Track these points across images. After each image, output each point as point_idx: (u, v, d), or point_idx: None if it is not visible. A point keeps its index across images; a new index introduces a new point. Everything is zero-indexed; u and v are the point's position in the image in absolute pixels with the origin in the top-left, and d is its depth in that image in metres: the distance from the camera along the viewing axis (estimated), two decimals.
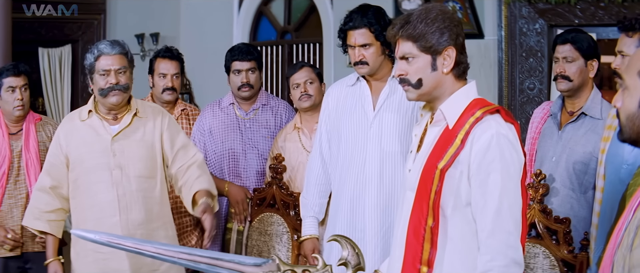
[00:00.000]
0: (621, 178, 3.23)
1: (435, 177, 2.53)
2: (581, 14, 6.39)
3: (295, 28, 8.91)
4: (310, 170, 4.04)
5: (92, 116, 3.86)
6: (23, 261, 4.48)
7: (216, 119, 4.79)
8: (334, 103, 3.92)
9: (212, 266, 2.81)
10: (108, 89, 3.77)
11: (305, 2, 8.75)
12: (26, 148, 4.44)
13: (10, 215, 4.41)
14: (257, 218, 4.51)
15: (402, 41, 2.63)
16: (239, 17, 9.06)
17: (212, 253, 2.99)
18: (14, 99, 4.39)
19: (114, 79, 3.76)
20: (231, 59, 4.79)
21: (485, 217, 2.50)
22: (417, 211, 2.59)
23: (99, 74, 3.77)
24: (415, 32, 2.59)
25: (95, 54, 3.79)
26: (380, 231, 3.68)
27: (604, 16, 6.32)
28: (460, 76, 2.65)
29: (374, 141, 3.72)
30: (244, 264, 2.81)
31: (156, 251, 2.89)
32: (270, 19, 9.05)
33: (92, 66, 3.80)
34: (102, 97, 3.80)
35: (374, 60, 3.72)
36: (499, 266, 2.48)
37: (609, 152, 3.38)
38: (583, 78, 3.79)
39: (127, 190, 3.80)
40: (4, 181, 4.40)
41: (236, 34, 9.07)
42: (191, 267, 3.06)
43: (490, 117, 2.55)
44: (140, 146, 3.86)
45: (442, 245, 2.55)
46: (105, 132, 3.84)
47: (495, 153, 2.49)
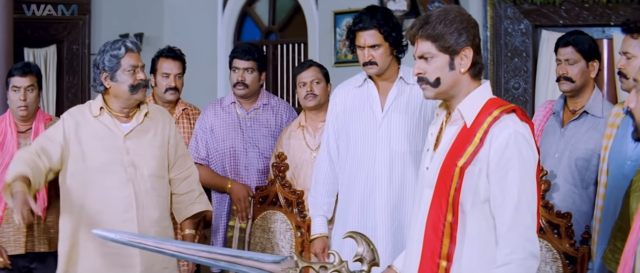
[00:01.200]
0: (625, 173, 3.36)
1: (455, 175, 2.63)
2: (566, 14, 6.50)
3: (279, 28, 8.96)
4: (319, 170, 4.13)
5: (104, 113, 3.84)
6: (28, 260, 4.49)
7: (217, 118, 4.86)
8: (342, 104, 4.01)
9: (233, 264, 2.91)
10: (138, 85, 3.77)
11: (290, 2, 8.80)
12: None
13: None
14: (259, 215, 4.59)
15: (421, 41, 2.72)
16: (223, 17, 9.09)
17: (232, 251, 3.10)
18: (17, 99, 4.40)
19: (141, 75, 3.79)
20: (232, 56, 4.88)
21: (505, 212, 2.60)
22: (435, 207, 2.69)
23: (126, 71, 3.75)
24: (435, 33, 2.68)
25: (123, 51, 3.76)
26: (390, 228, 3.79)
27: (588, 17, 6.44)
28: (475, 76, 2.75)
29: (383, 141, 3.83)
30: (263, 261, 2.92)
31: (177, 250, 2.98)
32: (254, 19, 9.09)
33: (117, 63, 3.76)
34: (131, 94, 3.78)
35: (382, 61, 3.82)
36: (518, 259, 2.58)
37: (612, 148, 3.50)
38: (584, 79, 3.91)
39: (142, 188, 3.81)
40: None
41: (220, 34, 9.09)
42: (212, 265, 3.16)
43: (507, 117, 2.65)
44: (152, 145, 3.89)
45: (461, 239, 2.65)
46: (117, 130, 3.83)
47: (513, 151, 2.59)
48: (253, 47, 4.91)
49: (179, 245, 3.06)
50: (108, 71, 3.77)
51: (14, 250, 4.43)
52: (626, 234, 2.88)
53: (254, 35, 9.15)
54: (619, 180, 3.39)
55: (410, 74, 3.90)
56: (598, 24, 6.38)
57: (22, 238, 4.43)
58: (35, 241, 4.47)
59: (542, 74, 6.59)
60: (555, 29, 6.61)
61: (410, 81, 3.88)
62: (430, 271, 2.68)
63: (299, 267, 2.93)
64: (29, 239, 4.45)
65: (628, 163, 3.37)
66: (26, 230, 4.42)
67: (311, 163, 4.45)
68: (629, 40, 3.38)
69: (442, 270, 2.66)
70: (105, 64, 3.77)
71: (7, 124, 4.48)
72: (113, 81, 3.78)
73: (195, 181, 4.05)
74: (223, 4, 9.08)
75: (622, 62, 3.41)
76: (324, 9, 8.28)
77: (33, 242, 4.47)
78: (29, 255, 4.48)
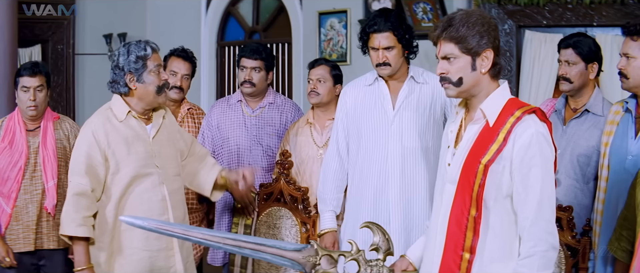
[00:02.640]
0: (626, 168, 3.55)
1: (479, 171, 2.78)
2: (549, 15, 6.65)
3: (263, 28, 9.04)
4: (328, 166, 4.25)
5: (130, 117, 3.82)
6: (37, 257, 4.53)
7: (224, 115, 4.96)
8: (352, 102, 4.14)
9: (257, 251, 3.06)
10: (164, 85, 3.82)
11: (274, 2, 8.90)
12: (44, 145, 4.48)
13: (25, 210, 4.46)
14: (265, 212, 4.70)
15: (445, 42, 2.86)
16: (207, 17, 9.16)
17: (256, 239, 3.24)
18: (27, 99, 4.44)
19: (165, 75, 3.83)
20: (240, 55, 4.97)
21: (528, 207, 2.75)
22: (459, 202, 2.84)
23: (152, 72, 3.76)
24: (458, 35, 2.82)
25: (149, 52, 3.77)
26: (403, 222, 3.94)
27: (571, 17, 6.60)
28: (495, 76, 2.89)
29: (395, 138, 3.97)
30: (286, 249, 3.08)
31: (203, 237, 3.13)
32: (238, 19, 9.17)
33: (143, 65, 3.75)
34: (157, 94, 3.80)
35: (395, 62, 3.95)
36: (541, 251, 2.74)
37: (613, 144, 3.68)
38: (583, 80, 4.07)
39: (171, 189, 3.85)
40: (20, 177, 4.44)
41: (204, 34, 9.17)
42: (237, 252, 3.28)
43: (528, 117, 2.80)
44: (170, 146, 3.94)
45: (484, 233, 2.81)
46: (144, 134, 3.83)
47: (536, 150, 2.75)
48: (261, 47, 5.01)
49: (204, 233, 3.18)
50: (134, 73, 3.76)
51: (23, 247, 4.47)
52: (632, 223, 3.07)
53: (238, 35, 9.22)
54: (621, 174, 3.57)
55: (420, 73, 4.05)
56: (581, 24, 6.54)
57: (32, 235, 4.47)
58: (44, 238, 4.51)
59: (526, 73, 6.77)
60: (538, 29, 6.79)
61: (420, 80, 4.03)
62: (453, 263, 2.83)
63: (319, 254, 3.08)
64: (38, 236, 4.49)
65: (629, 158, 3.54)
66: (36, 228, 4.46)
67: (317, 159, 4.57)
68: (629, 42, 3.55)
69: (465, 262, 2.81)
70: (131, 65, 3.75)
71: (16, 123, 4.52)
72: (139, 83, 3.78)
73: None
74: (206, 3, 9.16)
75: (623, 62, 3.57)
76: (308, 9, 8.38)
77: (42, 239, 4.50)
78: (37, 253, 4.51)
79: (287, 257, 3.08)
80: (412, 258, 3.18)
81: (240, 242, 3.10)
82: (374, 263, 3.08)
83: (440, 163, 3.06)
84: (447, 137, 3.03)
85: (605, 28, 6.46)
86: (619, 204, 3.52)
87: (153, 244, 3.80)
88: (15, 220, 4.46)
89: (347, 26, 8.08)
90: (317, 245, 3.10)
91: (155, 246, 3.81)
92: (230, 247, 3.11)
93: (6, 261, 4.40)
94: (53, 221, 4.48)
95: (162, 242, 3.81)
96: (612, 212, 3.59)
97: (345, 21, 8.10)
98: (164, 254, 3.84)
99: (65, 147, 4.56)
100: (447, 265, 2.85)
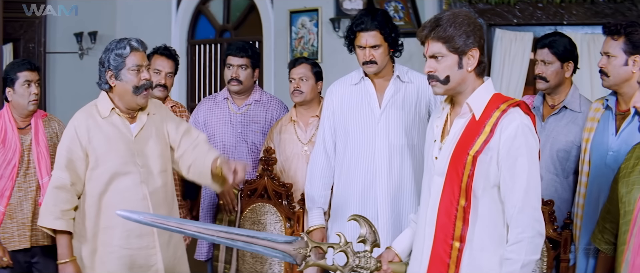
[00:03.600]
0: (607, 163, 3.68)
1: (468, 162, 2.90)
2: (520, 13, 6.79)
3: (234, 26, 9.08)
4: (315, 164, 4.32)
5: (113, 114, 3.85)
6: (30, 255, 4.54)
7: (210, 113, 5.03)
8: (338, 100, 4.21)
9: (249, 244, 3.18)
10: (143, 86, 3.80)
11: (245, 1, 8.96)
12: (36, 142, 4.49)
13: (20, 207, 4.46)
14: (249, 208, 4.76)
15: (433, 42, 2.97)
16: (177, 15, 9.18)
17: (249, 232, 3.35)
18: (30, 93, 4.43)
19: (146, 75, 3.82)
20: (226, 53, 5.03)
21: (515, 196, 2.88)
22: (448, 193, 2.95)
23: (130, 70, 3.78)
24: (446, 34, 2.94)
25: (128, 50, 3.77)
26: (391, 217, 4.03)
27: (542, 16, 6.74)
28: (480, 74, 3.02)
29: (382, 135, 4.06)
30: (277, 241, 3.22)
31: (197, 230, 3.24)
32: (208, 17, 9.20)
33: (121, 62, 3.77)
34: (134, 95, 3.80)
35: (381, 60, 4.03)
36: (528, 237, 2.87)
37: (593, 141, 3.80)
38: (559, 78, 4.19)
39: (154, 188, 3.87)
40: (14, 174, 4.44)
41: (174, 32, 9.20)
42: (230, 244, 3.38)
43: (513, 110, 2.93)
44: (156, 142, 3.94)
45: (473, 222, 2.93)
46: (127, 131, 3.86)
47: (522, 140, 2.87)
48: (247, 45, 5.08)
49: (199, 226, 3.30)
50: (113, 70, 3.79)
51: (19, 245, 4.47)
52: (615, 216, 3.20)
53: (208, 33, 9.26)
54: (602, 169, 3.69)
55: (405, 72, 4.14)
56: (551, 23, 6.68)
57: (27, 232, 4.47)
58: (39, 235, 4.50)
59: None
60: (509, 27, 6.92)
61: (405, 79, 4.12)
62: (443, 252, 2.95)
63: (309, 246, 3.22)
64: (33, 233, 4.49)
65: (610, 154, 3.66)
66: (31, 225, 4.46)
67: (302, 156, 4.67)
68: (609, 41, 3.69)
69: (455, 251, 2.93)
70: (111, 62, 3.79)
71: (7, 121, 4.50)
72: (118, 80, 3.80)
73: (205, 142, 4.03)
74: (177, 2, 9.21)
75: (603, 61, 3.71)
76: (279, 7, 8.46)
77: (37, 236, 4.51)
78: (32, 250, 4.52)
79: (279, 249, 3.20)
80: (397, 250, 3.30)
81: (233, 235, 3.21)
82: (362, 254, 3.23)
83: (426, 157, 3.17)
84: (432, 132, 3.14)
85: (575, 26, 6.62)
86: (601, 198, 3.65)
87: (133, 243, 3.84)
88: (10, 218, 4.46)
89: (318, 24, 8.17)
90: (308, 237, 3.23)
91: (136, 244, 3.84)
92: (224, 240, 3.22)
93: (3, 261, 4.40)
94: None
95: (143, 240, 3.85)
96: (594, 206, 3.71)
97: (316, 20, 8.18)
98: (145, 253, 3.86)
99: (56, 144, 4.53)
100: (437, 254, 2.96)
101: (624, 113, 3.69)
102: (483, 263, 2.92)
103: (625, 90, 3.67)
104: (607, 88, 3.78)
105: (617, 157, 3.60)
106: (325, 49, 8.13)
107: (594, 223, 3.61)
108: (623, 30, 3.62)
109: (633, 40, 3.60)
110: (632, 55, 3.61)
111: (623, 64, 3.63)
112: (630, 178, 3.17)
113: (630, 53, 3.61)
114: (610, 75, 3.68)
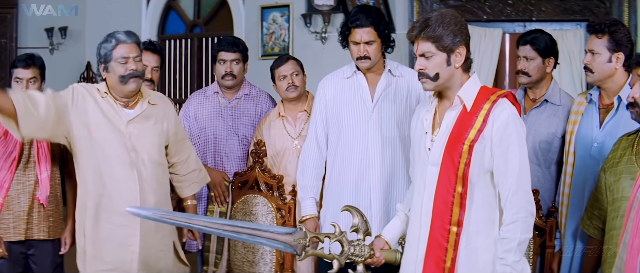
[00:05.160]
0: (592, 154, 3.92)
1: (464, 151, 3.11)
2: (490, 10, 7.00)
3: (205, 22, 9.16)
4: (307, 156, 4.47)
5: (108, 97, 4.04)
6: (26, 247, 4.57)
7: (201, 106, 5.13)
8: (331, 94, 4.36)
9: (253, 236, 3.35)
10: (129, 76, 3.97)
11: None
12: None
13: (17, 200, 4.49)
14: (240, 199, 4.89)
15: (422, 41, 3.17)
16: (148, 10, 9.23)
17: (252, 224, 3.54)
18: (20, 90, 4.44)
19: (133, 65, 3.99)
20: (218, 49, 5.12)
21: (509, 179, 3.09)
22: (443, 181, 3.15)
23: (117, 62, 3.97)
24: (435, 34, 3.14)
25: (113, 43, 3.97)
26: (383, 206, 4.20)
27: (511, 13, 6.97)
28: (467, 69, 3.23)
29: (374, 128, 4.22)
30: (279, 233, 3.40)
31: (204, 224, 3.41)
32: (179, 12, 9.27)
33: (109, 55, 3.97)
34: (122, 84, 3.99)
35: (375, 55, 4.20)
36: (522, 217, 3.09)
37: (578, 133, 4.03)
38: (541, 73, 4.41)
39: (144, 173, 4.03)
40: (14, 167, 4.46)
41: (144, 27, 9.25)
42: (235, 238, 3.57)
43: (502, 100, 3.15)
44: (153, 133, 4.10)
45: (469, 207, 3.13)
46: (121, 113, 4.04)
47: (513, 128, 3.10)
48: (237, 40, 5.20)
49: (206, 220, 3.48)
50: (103, 62, 4.02)
51: (13, 237, 4.50)
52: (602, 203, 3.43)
53: (179, 28, 9.32)
54: (587, 160, 3.93)
55: (395, 67, 4.31)
56: (520, 19, 6.92)
57: (23, 225, 4.50)
58: (35, 228, 4.54)
59: None
60: (479, 24, 7.13)
61: (396, 73, 4.29)
62: (441, 237, 3.14)
63: (308, 237, 3.40)
64: (29, 226, 4.52)
65: (594, 145, 3.89)
66: (27, 218, 4.51)
67: (293, 150, 4.80)
68: (593, 39, 3.92)
69: (453, 235, 3.13)
70: (101, 55, 4.02)
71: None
72: (107, 72, 4.02)
73: (194, 161, 4.37)
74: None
75: (588, 58, 3.94)
76: (250, 3, 8.57)
77: (32, 229, 4.54)
78: (27, 242, 4.55)
79: (281, 241, 3.37)
80: (387, 238, 3.51)
81: (238, 228, 3.38)
82: (356, 243, 3.43)
83: (416, 149, 3.36)
84: (422, 125, 3.32)
85: (544, 23, 6.83)
86: (586, 187, 3.89)
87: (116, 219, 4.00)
88: (7, 210, 4.48)
89: (290, 20, 8.30)
90: (306, 229, 3.40)
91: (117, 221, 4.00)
92: (229, 233, 3.40)
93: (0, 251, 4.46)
94: (44, 212, 4.55)
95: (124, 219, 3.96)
96: (580, 194, 3.94)
97: (287, 15, 8.31)
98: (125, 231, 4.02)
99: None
100: (435, 239, 3.15)
101: (607, 107, 3.93)
102: (479, 245, 3.13)
103: (609, 85, 3.91)
104: (591, 84, 4.00)
105: (602, 149, 3.83)
106: (296, 45, 8.27)
107: (580, 211, 3.85)
108: (607, 29, 3.85)
109: (616, 38, 3.84)
110: (615, 52, 3.85)
111: (607, 61, 3.86)
112: (618, 168, 3.40)
113: (614, 50, 3.85)
114: (595, 71, 3.90)
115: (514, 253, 3.06)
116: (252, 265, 4.80)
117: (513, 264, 3.06)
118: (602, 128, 3.89)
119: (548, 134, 4.30)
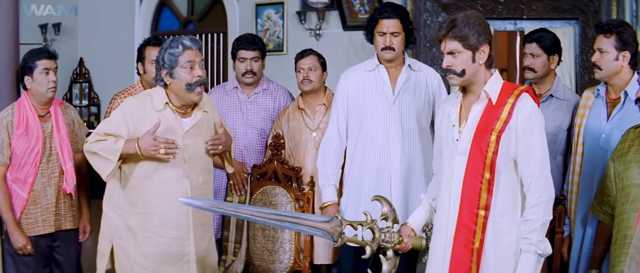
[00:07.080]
0: (600, 145, 4.24)
1: (492, 141, 3.39)
2: (482, 8, 7.19)
3: (198, 18, 9.28)
4: (329, 145, 4.70)
5: (167, 109, 4.04)
6: (52, 239, 4.71)
7: (221, 101, 5.32)
8: (354, 86, 4.62)
9: (295, 224, 3.65)
10: (196, 83, 3.99)
11: None
12: (57, 129, 4.65)
13: (43, 193, 4.63)
14: (260, 190, 5.12)
15: (449, 40, 3.45)
16: (141, 7, 9.33)
17: (294, 214, 3.81)
18: (48, 80, 4.58)
19: (199, 72, 4.00)
20: (237, 47, 5.30)
21: (533, 166, 3.39)
22: (472, 169, 3.43)
23: (183, 68, 3.98)
24: (461, 34, 3.42)
25: (180, 49, 3.97)
26: (403, 194, 4.47)
27: (503, 11, 7.21)
28: (489, 66, 3.52)
29: (395, 119, 4.49)
30: (317, 221, 3.70)
31: (251, 213, 3.67)
32: (172, 9, 9.38)
33: (175, 60, 3.97)
34: (188, 92, 4.00)
35: (399, 47, 4.50)
36: (544, 200, 3.40)
37: (586, 125, 4.34)
38: (546, 70, 4.72)
39: (196, 183, 4.09)
40: (38, 161, 4.58)
41: (137, 24, 9.35)
42: (278, 226, 3.82)
43: (525, 94, 3.45)
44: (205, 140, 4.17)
45: (495, 192, 3.42)
46: (178, 127, 4.04)
47: (535, 120, 3.40)
48: (256, 37, 5.41)
49: (253, 210, 3.74)
50: (167, 68, 4.00)
51: (43, 230, 4.64)
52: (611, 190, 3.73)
53: (172, 25, 9.42)
54: (595, 149, 4.26)
55: (414, 62, 4.59)
56: (512, 17, 7.17)
57: (52, 217, 4.65)
58: (62, 219, 4.71)
59: None
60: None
61: (415, 68, 4.59)
62: (469, 220, 3.43)
63: (343, 225, 3.68)
64: (57, 218, 4.69)
65: (602, 136, 4.22)
66: (55, 209, 4.66)
67: (312, 142, 5.05)
68: (602, 39, 4.24)
69: (480, 218, 3.41)
70: (165, 61, 4.00)
71: (28, 109, 4.61)
72: (172, 78, 4.01)
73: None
74: None
75: (597, 56, 4.26)
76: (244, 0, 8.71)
77: (60, 220, 4.71)
78: (54, 234, 4.70)
79: (319, 228, 3.65)
80: (413, 225, 3.78)
81: (281, 217, 3.67)
82: (386, 230, 3.70)
83: (444, 141, 3.62)
84: (449, 118, 3.58)
85: (535, 21, 7.10)
86: (595, 175, 4.21)
87: (169, 232, 4.06)
88: (33, 204, 4.60)
89: (284, 17, 8.46)
90: (342, 217, 3.67)
91: (171, 234, 4.07)
92: (274, 222, 3.65)
93: (27, 249, 4.57)
94: (69, 201, 4.72)
95: (178, 231, 4.08)
96: (589, 182, 4.27)
97: (281, 12, 8.47)
98: (180, 243, 4.08)
99: (74, 130, 4.80)
100: (463, 223, 3.43)
101: (614, 101, 4.25)
102: (504, 227, 3.41)
103: (615, 81, 4.23)
104: (600, 80, 4.31)
105: (609, 139, 4.16)
106: (290, 42, 8.44)
107: (589, 198, 4.16)
108: (614, 29, 4.18)
109: (623, 38, 4.17)
110: (622, 51, 4.17)
111: (614, 59, 4.18)
112: (627, 158, 3.70)
113: (621, 49, 4.17)
114: (603, 68, 4.22)
115: (537, 233, 3.37)
116: (271, 254, 5.03)
117: (537, 243, 3.37)
118: (610, 120, 4.20)
119: (554, 127, 4.59)
